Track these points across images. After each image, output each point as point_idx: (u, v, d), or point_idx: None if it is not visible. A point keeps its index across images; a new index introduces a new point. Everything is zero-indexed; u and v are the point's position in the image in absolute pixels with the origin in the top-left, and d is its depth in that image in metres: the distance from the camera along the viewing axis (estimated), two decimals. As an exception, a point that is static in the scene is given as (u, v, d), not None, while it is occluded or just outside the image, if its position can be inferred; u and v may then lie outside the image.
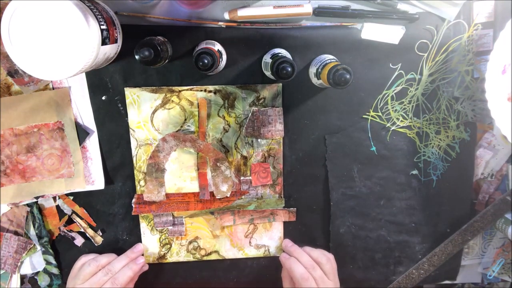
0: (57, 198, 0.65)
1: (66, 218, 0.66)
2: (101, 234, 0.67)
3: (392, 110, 0.66)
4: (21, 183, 0.63)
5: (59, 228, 0.66)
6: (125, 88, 0.62)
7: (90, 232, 0.66)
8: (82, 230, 0.66)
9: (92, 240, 0.67)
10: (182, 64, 0.61)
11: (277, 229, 0.70)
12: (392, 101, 0.65)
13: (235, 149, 0.66)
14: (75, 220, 0.66)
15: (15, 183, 0.63)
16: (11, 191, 0.63)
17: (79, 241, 0.66)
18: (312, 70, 0.60)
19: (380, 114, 0.66)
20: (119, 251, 0.68)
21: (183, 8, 0.59)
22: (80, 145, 0.62)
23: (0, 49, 0.58)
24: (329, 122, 0.66)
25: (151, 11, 0.59)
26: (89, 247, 0.67)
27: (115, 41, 0.54)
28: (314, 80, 0.61)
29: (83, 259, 0.63)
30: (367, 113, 0.66)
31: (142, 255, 0.67)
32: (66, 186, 0.63)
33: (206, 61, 0.53)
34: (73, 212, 0.66)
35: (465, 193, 0.70)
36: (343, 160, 0.67)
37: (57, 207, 0.65)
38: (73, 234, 0.66)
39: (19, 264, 0.65)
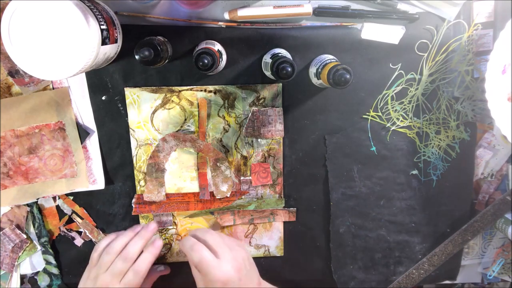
0: (57, 198, 0.65)
1: (66, 218, 0.66)
2: (101, 233, 0.67)
3: (392, 110, 0.66)
4: (24, 185, 0.63)
5: (59, 228, 0.66)
6: (125, 88, 0.62)
7: (93, 230, 0.66)
8: (82, 230, 0.66)
9: (92, 239, 0.67)
10: (182, 64, 0.61)
11: (277, 229, 0.70)
12: (392, 101, 0.65)
13: (235, 149, 0.66)
14: (75, 220, 0.66)
15: (18, 184, 0.63)
16: (13, 193, 0.63)
17: (79, 241, 0.66)
18: (312, 70, 0.61)
19: (380, 114, 0.66)
20: (119, 251, 0.68)
21: (183, 8, 0.59)
22: (81, 144, 0.62)
23: (0, 49, 0.58)
24: (329, 122, 0.66)
25: (151, 11, 0.59)
26: (89, 247, 0.67)
27: (115, 41, 0.54)
28: (314, 80, 0.61)
29: (101, 246, 0.59)
30: (367, 113, 0.66)
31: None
32: (69, 186, 0.63)
33: (206, 61, 0.53)
34: (73, 212, 0.66)
35: (465, 193, 0.70)
36: (343, 160, 0.67)
37: (57, 207, 0.65)
38: (73, 234, 0.66)
39: (16, 263, 0.65)
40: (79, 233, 0.67)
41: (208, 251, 0.55)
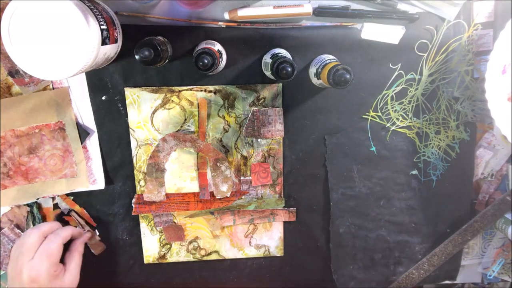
0: (56, 197, 0.65)
1: (58, 211, 0.65)
2: (98, 233, 0.67)
3: (392, 110, 0.66)
4: (24, 185, 0.63)
5: None
6: (125, 88, 0.62)
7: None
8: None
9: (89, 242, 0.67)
10: (182, 64, 0.61)
11: (277, 229, 0.70)
12: (392, 101, 0.65)
13: (235, 149, 0.66)
14: (73, 217, 0.65)
15: (18, 184, 0.63)
16: (13, 193, 0.63)
17: None
18: (312, 70, 0.61)
19: (380, 114, 0.66)
20: (119, 251, 0.68)
21: (183, 8, 0.59)
22: (81, 144, 0.62)
23: (0, 49, 0.58)
24: (329, 122, 0.66)
25: (151, 11, 0.59)
26: (88, 248, 0.67)
27: (115, 41, 0.54)
28: (314, 80, 0.61)
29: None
30: (367, 113, 0.66)
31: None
32: (69, 186, 0.63)
33: (206, 61, 0.53)
34: (70, 210, 0.65)
35: (465, 193, 0.70)
36: (343, 160, 0.67)
37: (56, 206, 0.65)
38: None
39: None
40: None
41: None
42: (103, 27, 0.49)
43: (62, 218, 0.66)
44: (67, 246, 0.60)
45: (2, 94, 0.60)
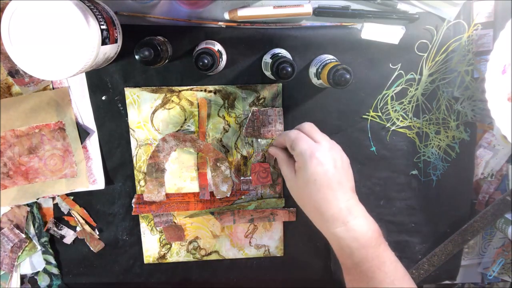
0: (56, 197, 0.65)
1: (51, 212, 0.65)
2: (98, 233, 0.67)
3: (392, 110, 0.66)
4: (24, 185, 0.63)
5: (48, 228, 0.65)
6: (125, 88, 0.62)
7: (87, 229, 0.66)
8: (79, 227, 0.66)
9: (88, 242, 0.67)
10: (182, 64, 0.61)
11: (277, 229, 0.70)
12: (392, 101, 0.65)
13: (235, 149, 0.66)
14: (73, 216, 0.65)
15: (18, 184, 0.63)
16: (13, 193, 0.63)
17: (68, 239, 0.66)
18: (312, 70, 0.61)
19: (380, 114, 0.66)
20: (119, 250, 0.68)
21: (183, 8, 0.59)
22: (81, 144, 0.62)
23: (0, 49, 0.58)
24: (329, 122, 0.66)
25: (151, 11, 0.59)
26: (88, 247, 0.67)
27: (115, 41, 0.54)
28: (314, 80, 0.61)
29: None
30: (367, 113, 0.66)
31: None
32: (69, 186, 0.63)
33: (206, 61, 0.53)
34: (70, 210, 0.65)
35: (465, 193, 0.70)
36: (343, 160, 0.67)
37: (56, 206, 0.65)
38: (62, 232, 0.66)
39: (15, 263, 0.65)
40: (73, 228, 0.66)
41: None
42: (103, 27, 0.49)
43: (62, 218, 0.66)
44: None
45: (2, 94, 0.60)
